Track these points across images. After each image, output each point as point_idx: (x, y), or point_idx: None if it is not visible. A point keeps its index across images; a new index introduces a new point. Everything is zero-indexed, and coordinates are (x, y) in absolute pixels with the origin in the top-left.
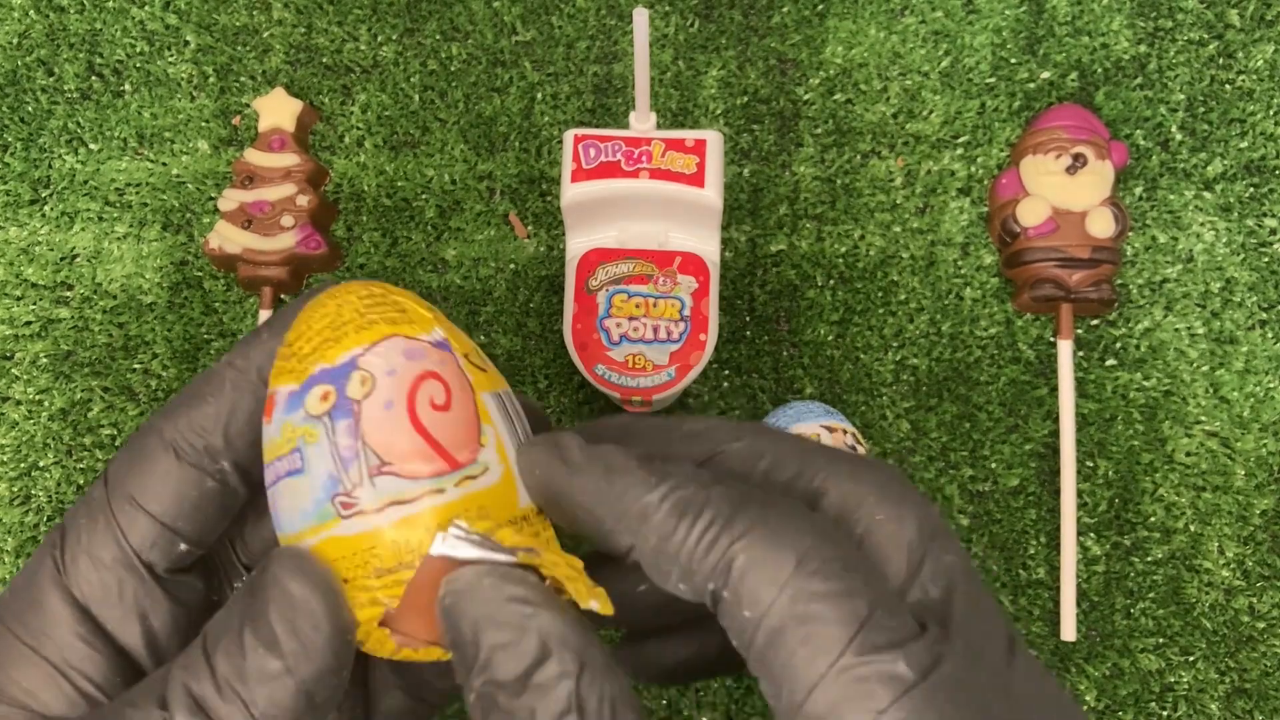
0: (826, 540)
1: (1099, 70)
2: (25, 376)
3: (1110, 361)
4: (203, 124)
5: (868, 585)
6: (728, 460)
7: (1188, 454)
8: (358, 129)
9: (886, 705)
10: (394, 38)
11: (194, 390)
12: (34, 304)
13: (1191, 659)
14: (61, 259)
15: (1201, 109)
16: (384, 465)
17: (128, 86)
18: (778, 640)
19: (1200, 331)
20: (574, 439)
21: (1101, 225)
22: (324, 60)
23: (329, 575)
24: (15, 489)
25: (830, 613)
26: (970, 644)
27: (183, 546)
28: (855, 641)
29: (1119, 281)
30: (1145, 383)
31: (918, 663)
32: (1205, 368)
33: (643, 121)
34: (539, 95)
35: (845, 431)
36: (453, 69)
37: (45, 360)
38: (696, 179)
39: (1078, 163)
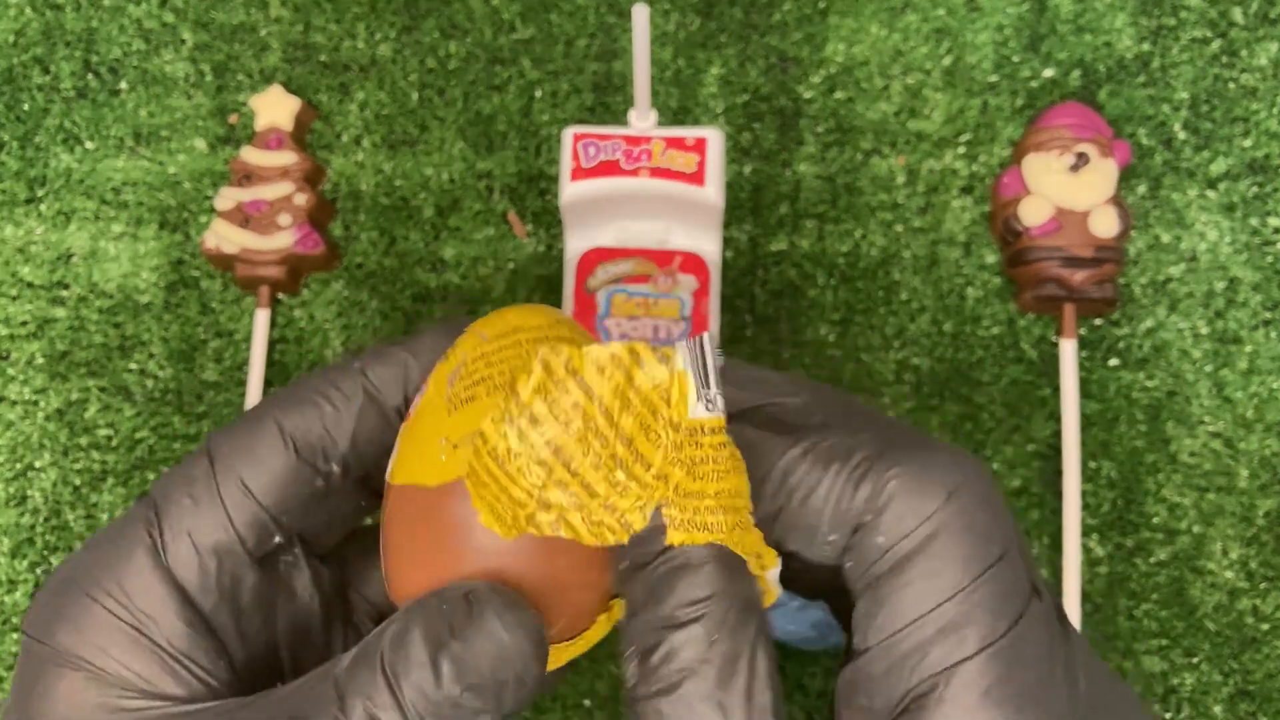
0: (976, 481)
1: (1102, 68)
2: (21, 376)
3: (1113, 361)
4: (199, 122)
5: (1004, 533)
6: (779, 414)
7: (1191, 455)
8: (355, 127)
9: (971, 654)
10: (392, 35)
11: (319, 389)
12: (30, 304)
13: (1195, 661)
14: (57, 258)
15: (1205, 107)
16: None
17: (124, 85)
18: (902, 567)
19: (1204, 331)
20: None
21: (1105, 224)
22: (321, 58)
23: (537, 622)
24: (11, 490)
25: (960, 550)
26: (1049, 612)
27: (277, 539)
28: (969, 588)
29: (1122, 281)
30: (1148, 383)
31: (1015, 618)
32: (1209, 368)
33: (643, 119)
34: (538, 93)
35: None
36: (451, 67)
37: (41, 360)
38: (697, 177)
39: (1081, 161)
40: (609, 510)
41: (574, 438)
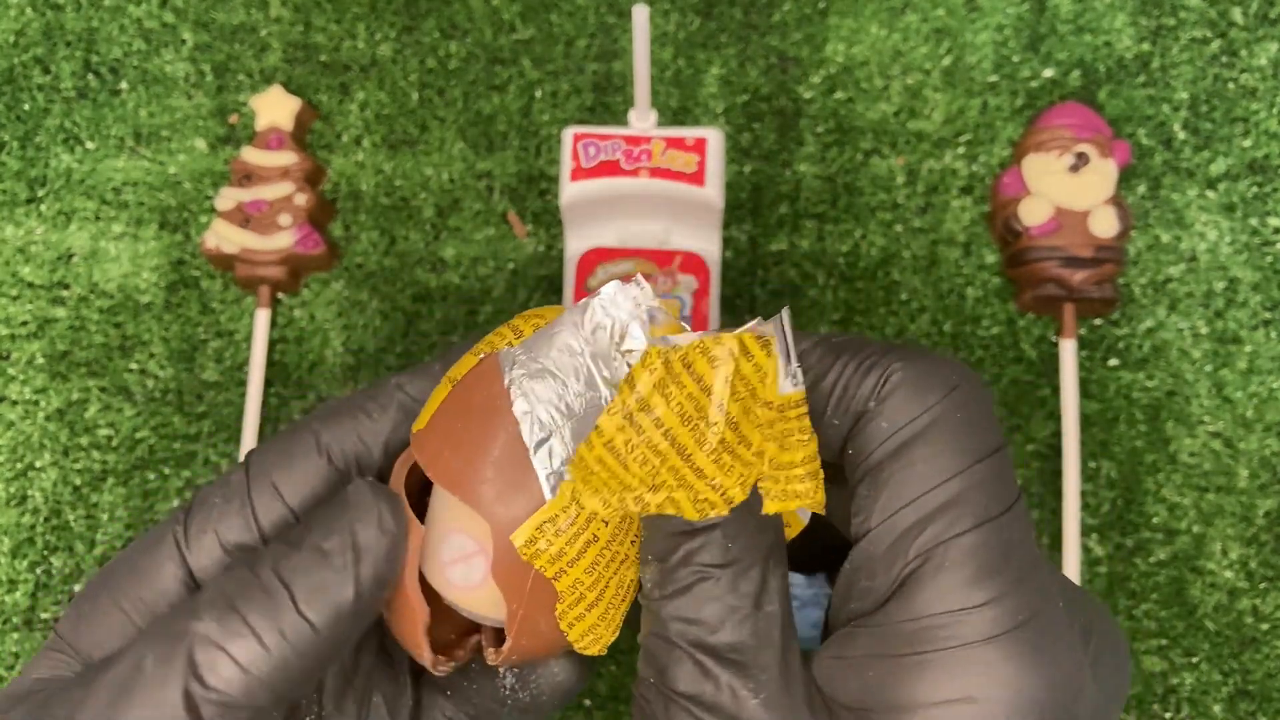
0: (975, 382)
1: (1102, 68)
2: (21, 376)
3: (1113, 361)
4: (200, 122)
5: (997, 430)
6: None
7: (1191, 454)
8: (356, 127)
9: (968, 528)
10: (392, 35)
11: (357, 402)
12: (30, 304)
13: (1195, 661)
14: (58, 258)
15: (1204, 107)
16: None
17: (125, 85)
18: (903, 452)
19: (1203, 331)
20: None
21: (1104, 224)
22: (322, 58)
23: (399, 499)
24: (12, 489)
25: (958, 441)
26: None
27: None
28: (967, 471)
29: (1122, 281)
30: (1148, 383)
31: (1009, 503)
32: (1208, 368)
33: (643, 120)
34: (538, 93)
35: None
36: (451, 67)
37: (42, 360)
38: (697, 177)
39: (1080, 161)
40: (714, 488)
41: (688, 428)
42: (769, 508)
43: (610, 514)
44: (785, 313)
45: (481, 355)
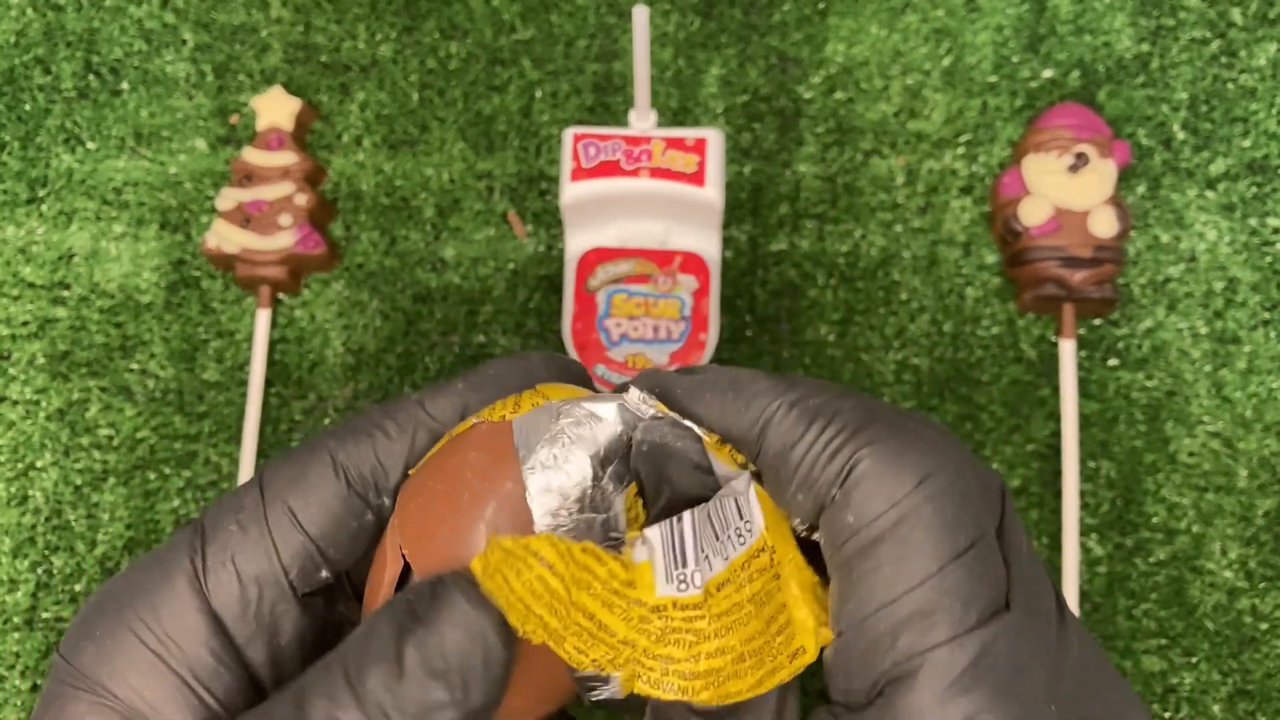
0: (950, 469)
1: (1101, 69)
2: (22, 376)
3: (1112, 361)
4: (200, 123)
5: (975, 523)
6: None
7: (1190, 454)
8: (356, 128)
9: (942, 640)
10: (392, 36)
11: (374, 420)
12: (31, 304)
13: (1194, 660)
14: (59, 258)
15: (1204, 108)
16: None
17: (125, 85)
18: (869, 552)
19: (1203, 331)
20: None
21: (1104, 224)
22: (322, 58)
23: (499, 608)
24: (12, 489)
25: (929, 540)
26: (1030, 598)
27: (324, 573)
28: (939, 574)
29: (1121, 281)
30: (1148, 383)
31: (989, 607)
32: (1208, 368)
33: (643, 120)
34: (538, 93)
35: None
36: (451, 67)
37: (42, 360)
38: (697, 178)
39: (1080, 162)
40: (581, 653)
41: (542, 604)
42: (639, 688)
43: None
44: (689, 517)
45: (476, 422)
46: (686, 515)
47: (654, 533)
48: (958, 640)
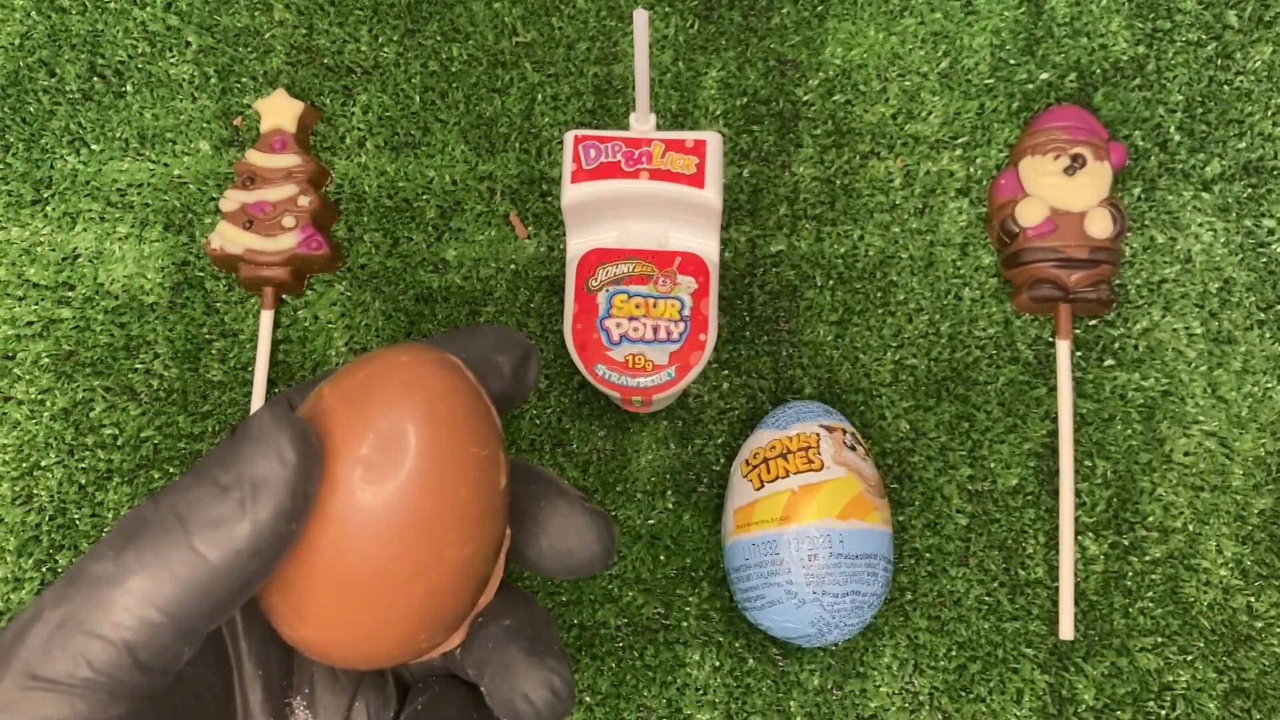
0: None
1: (1097, 71)
2: (27, 376)
3: (1108, 361)
4: (204, 125)
5: None
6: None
7: (1186, 454)
8: (359, 130)
9: None
10: (395, 39)
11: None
12: (36, 304)
13: (1190, 658)
14: (63, 259)
15: (1200, 110)
16: None
17: (129, 87)
18: None
19: (1198, 331)
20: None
21: (1100, 226)
22: (325, 61)
23: (310, 428)
24: (17, 488)
25: None
26: None
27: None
28: None
29: (1117, 282)
30: (1143, 383)
31: None
32: (1203, 368)
33: (643, 122)
34: (539, 96)
35: (845, 431)
36: (453, 70)
37: (47, 360)
38: (696, 180)
39: (1076, 163)
40: None
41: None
42: None
43: None
44: None
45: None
46: None
47: None
48: None
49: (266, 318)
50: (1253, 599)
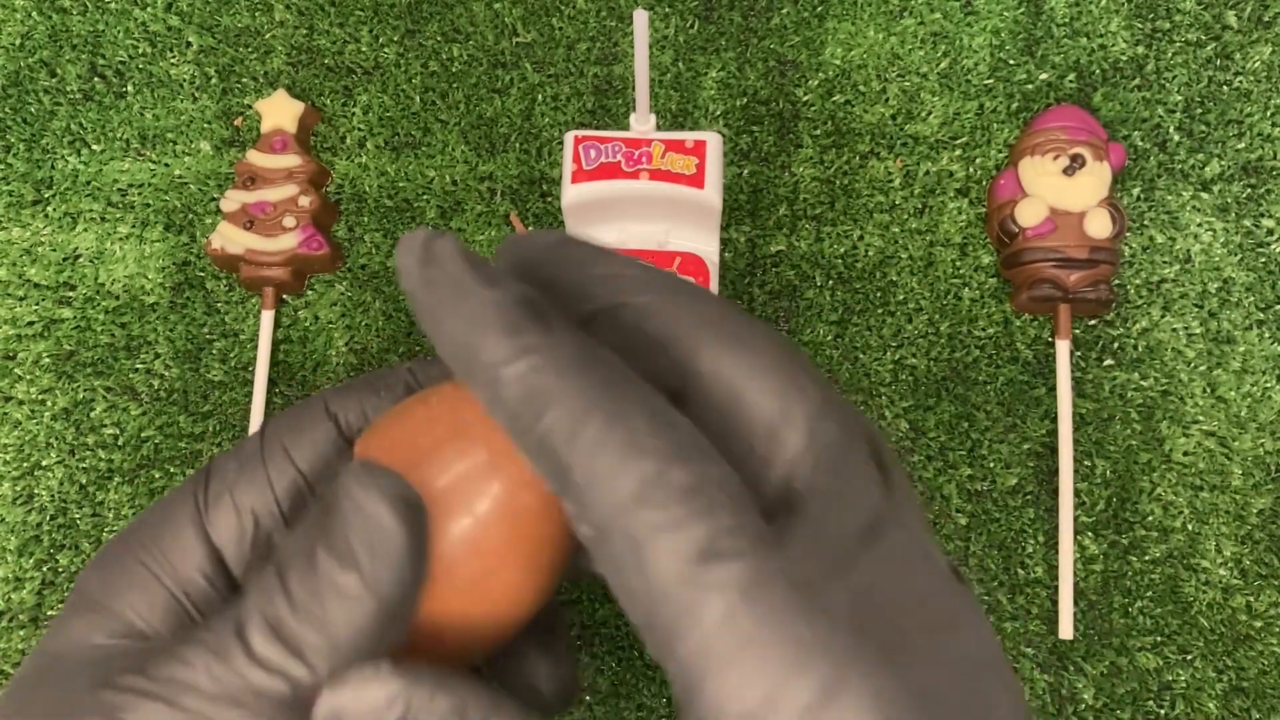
0: (674, 459)
1: (1097, 71)
2: (28, 376)
3: (1108, 361)
4: (205, 125)
5: (709, 510)
6: (625, 315)
7: (1185, 454)
8: (359, 130)
9: (712, 628)
10: (395, 39)
11: (369, 381)
12: (36, 304)
13: (1189, 657)
14: (64, 259)
15: (1199, 110)
16: None
17: (130, 88)
18: (616, 566)
19: (1198, 331)
20: (450, 250)
21: (1099, 226)
22: (325, 61)
23: (404, 484)
24: (18, 488)
25: (663, 545)
26: (817, 536)
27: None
28: (685, 574)
29: (1116, 282)
30: (1143, 383)
31: (748, 578)
32: (1203, 367)
33: (643, 123)
34: (539, 96)
35: None
36: (454, 70)
37: (48, 360)
38: (696, 180)
39: (1075, 164)
40: None
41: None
42: None
43: None
44: None
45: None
46: None
47: None
48: (717, 625)
49: (267, 318)
50: (1252, 598)
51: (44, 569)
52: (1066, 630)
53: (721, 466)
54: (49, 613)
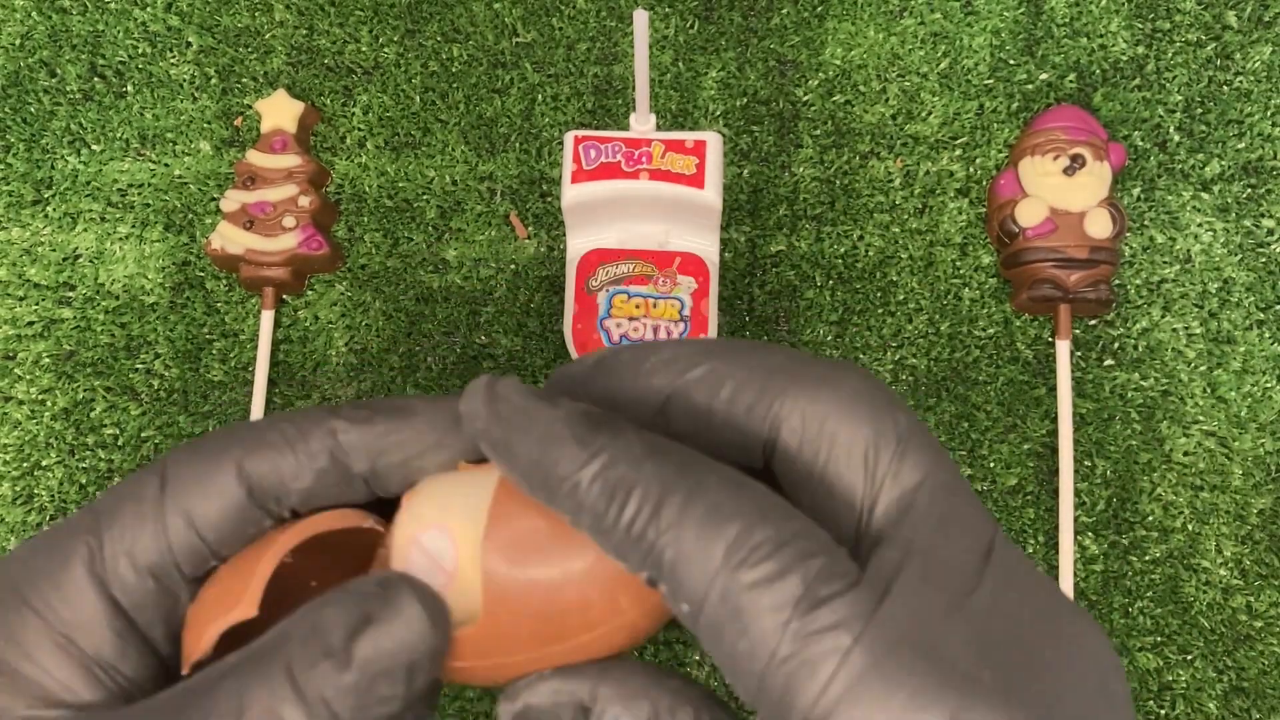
0: (758, 519)
1: (1097, 71)
2: (28, 376)
3: (1108, 361)
4: (204, 125)
5: (801, 559)
6: (690, 392)
7: (1185, 454)
8: (359, 130)
9: (829, 677)
10: (395, 39)
11: (286, 436)
12: (37, 304)
13: (1189, 657)
14: (64, 259)
15: (1199, 110)
16: None
17: (130, 88)
18: (718, 635)
19: (1198, 331)
20: (513, 387)
21: (1099, 226)
22: (325, 61)
23: (442, 604)
24: (18, 488)
25: (763, 602)
26: (926, 567)
27: (213, 563)
28: (790, 626)
29: (1117, 282)
30: (1143, 383)
31: (857, 620)
32: (1203, 368)
33: (643, 123)
34: (539, 96)
35: None
36: (454, 70)
37: (48, 360)
38: (696, 180)
39: (1076, 164)
40: None
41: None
42: None
43: None
44: None
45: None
46: None
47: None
48: (834, 682)
49: (267, 318)
50: (1252, 599)
51: None
52: None
53: (804, 520)
54: None
